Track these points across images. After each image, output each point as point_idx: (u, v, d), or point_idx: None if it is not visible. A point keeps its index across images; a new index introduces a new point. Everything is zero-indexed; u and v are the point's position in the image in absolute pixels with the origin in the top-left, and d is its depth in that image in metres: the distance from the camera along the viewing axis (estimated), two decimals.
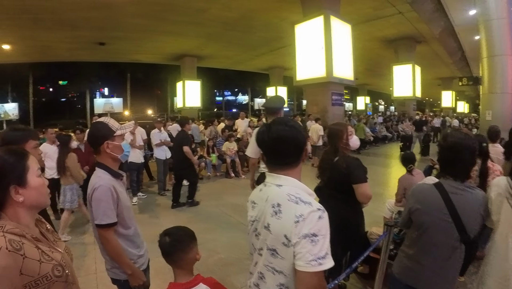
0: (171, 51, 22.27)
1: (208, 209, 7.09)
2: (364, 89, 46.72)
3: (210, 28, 17.09)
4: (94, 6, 12.96)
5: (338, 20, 12.53)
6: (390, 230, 2.98)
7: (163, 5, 13.59)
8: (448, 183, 1.88)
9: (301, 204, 1.32)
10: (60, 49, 19.57)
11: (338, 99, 13.29)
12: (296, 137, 1.42)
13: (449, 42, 21.35)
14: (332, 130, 3.19)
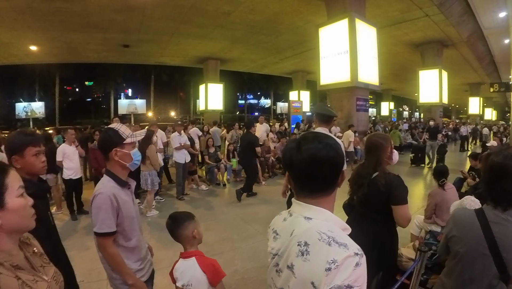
0: (195, 54, 22.42)
1: (227, 217, 6.90)
2: (388, 94, 46.06)
3: (235, 31, 17.14)
4: (120, 9, 13.20)
5: (363, 23, 12.33)
6: (424, 256, 2.78)
7: (188, 7, 13.66)
8: (490, 210, 1.69)
9: (335, 246, 1.06)
10: (86, 51, 20.12)
11: (363, 104, 13.08)
12: (332, 158, 1.15)
13: (477, 46, 20.78)
14: (374, 142, 2.85)
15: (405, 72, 28.58)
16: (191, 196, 8.48)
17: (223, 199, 8.42)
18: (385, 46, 17.90)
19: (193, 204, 7.86)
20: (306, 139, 1.20)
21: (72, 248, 4.51)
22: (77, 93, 42.93)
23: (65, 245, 2.56)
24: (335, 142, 1.20)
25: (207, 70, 24.68)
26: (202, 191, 8.84)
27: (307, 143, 1.17)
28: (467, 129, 22.84)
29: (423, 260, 2.72)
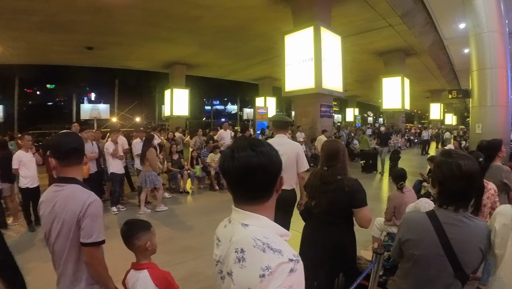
0: (162, 58, 22.09)
1: (191, 225, 6.74)
2: (353, 100, 47.20)
3: (203, 36, 17.04)
4: (86, 9, 12.79)
5: (328, 32, 12.60)
6: (380, 258, 2.85)
7: (156, 11, 13.47)
8: (442, 212, 1.73)
9: (269, 253, 1.04)
10: (49, 52, 19.25)
11: (327, 110, 13.31)
12: (264, 166, 1.14)
13: (438, 55, 21.61)
14: (337, 148, 2.89)
15: (369, 79, 29.26)
16: (154, 204, 8.20)
17: (186, 206, 8.31)
18: (350, 54, 18.36)
19: (156, 213, 7.66)
20: (240, 147, 1.18)
21: (31, 260, 4.33)
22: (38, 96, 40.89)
23: (23, 257, 2.49)
24: (269, 149, 1.18)
25: (173, 75, 24.46)
26: (165, 199, 8.59)
27: (240, 151, 1.16)
28: (429, 133, 23.69)
29: (379, 262, 2.79)
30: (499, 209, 1.81)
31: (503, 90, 7.74)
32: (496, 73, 7.73)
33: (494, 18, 7.83)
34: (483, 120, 7.95)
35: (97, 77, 32.87)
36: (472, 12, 8.12)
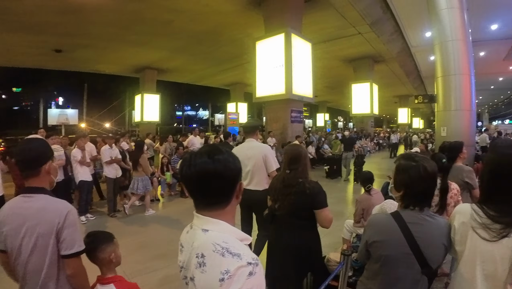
0: (133, 63, 21.71)
1: (162, 232, 6.60)
2: (324, 106, 47.89)
3: (175, 41, 16.92)
4: (57, 10, 12.42)
5: (299, 38, 12.76)
6: (348, 259, 2.94)
7: (128, 14, 13.29)
8: (407, 212, 1.81)
9: (228, 257, 1.08)
10: (17, 53, 18.48)
11: (297, 116, 13.44)
12: (220, 173, 1.16)
13: (405, 62, 22.26)
14: (299, 152, 3.00)
15: (339, 85, 29.74)
16: (123, 212, 7.96)
17: (157, 214, 8.11)
18: (321, 60, 18.67)
19: (126, 221, 7.43)
20: (197, 154, 1.22)
21: None
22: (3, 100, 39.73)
23: None
24: (226, 157, 1.21)
25: (143, 80, 24.06)
26: (135, 206, 8.38)
27: (197, 158, 1.19)
28: (397, 137, 24.26)
29: (347, 263, 2.88)
30: (458, 208, 1.88)
31: (467, 95, 8.06)
32: (460, 79, 8.06)
33: (458, 28, 8.16)
34: (448, 123, 8.25)
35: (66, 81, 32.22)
36: (437, 22, 8.45)
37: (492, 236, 1.56)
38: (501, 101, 49.96)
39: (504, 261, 1.52)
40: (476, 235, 1.64)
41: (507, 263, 1.51)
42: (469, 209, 1.72)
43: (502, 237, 1.53)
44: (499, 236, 1.54)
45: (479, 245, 1.62)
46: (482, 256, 1.60)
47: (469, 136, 8.11)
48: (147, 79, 23.79)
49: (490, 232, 1.58)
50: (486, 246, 1.59)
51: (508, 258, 1.51)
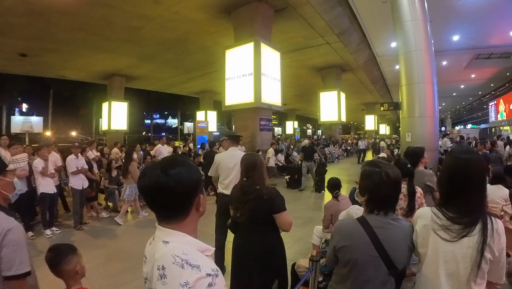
0: (100, 69, 21.18)
1: (131, 245, 6.30)
2: (293, 114, 48.54)
3: (144, 47, 16.75)
4: (24, 13, 12.00)
5: (268, 48, 12.91)
6: (316, 265, 3.02)
7: (96, 19, 13.05)
8: (372, 217, 1.87)
9: (188, 269, 1.08)
10: None
11: (266, 124, 13.55)
12: (171, 188, 1.16)
13: (372, 71, 22.90)
14: (255, 160, 3.12)
15: (308, 93, 30.23)
16: (91, 225, 7.77)
17: (126, 225, 7.76)
18: (290, 69, 18.93)
19: (94, 234, 7.13)
20: (152, 167, 1.23)
21: None
22: None
23: None
24: (181, 171, 1.19)
25: (111, 87, 23.48)
26: (103, 219, 8.19)
27: (151, 170, 1.20)
28: (364, 143, 24.77)
29: (316, 268, 2.97)
30: (419, 212, 1.96)
31: (430, 103, 8.40)
32: (424, 87, 8.39)
33: (421, 38, 8.50)
34: (412, 129, 8.54)
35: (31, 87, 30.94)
36: (402, 33, 8.75)
37: (453, 237, 1.65)
38: (463, 107, 51.97)
39: (465, 259, 1.61)
40: (437, 237, 1.71)
41: (469, 262, 1.59)
42: (430, 212, 1.80)
43: (462, 237, 1.62)
44: (459, 236, 1.63)
45: (440, 246, 1.70)
46: (444, 256, 1.68)
47: (433, 141, 8.47)
48: (115, 86, 23.29)
49: (450, 233, 1.66)
50: (447, 247, 1.67)
51: (469, 256, 1.60)
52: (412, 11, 8.60)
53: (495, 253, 1.60)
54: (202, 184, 1.29)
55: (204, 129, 20.73)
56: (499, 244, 1.62)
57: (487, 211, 1.71)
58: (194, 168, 1.26)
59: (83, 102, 37.40)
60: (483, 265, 1.57)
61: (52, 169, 7.34)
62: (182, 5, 12.20)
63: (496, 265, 1.63)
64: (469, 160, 1.72)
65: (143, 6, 12.19)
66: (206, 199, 1.32)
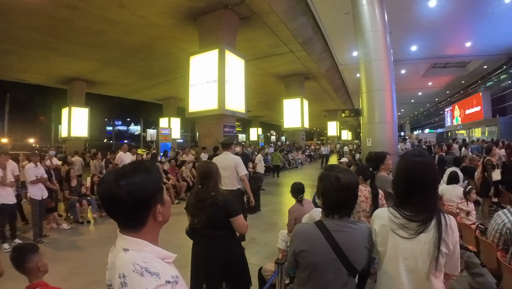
0: (61, 73, 20.48)
1: (95, 257, 5.93)
2: (257, 120, 48.98)
3: (107, 52, 16.44)
4: None
5: (233, 55, 12.98)
6: (282, 268, 3.08)
7: (61, 21, 12.66)
8: (329, 220, 1.91)
9: (147, 276, 1.07)
10: None
11: (230, 131, 13.53)
12: (123, 200, 1.14)
13: (334, 79, 23.57)
14: (209, 168, 3.19)
15: (272, 100, 30.52)
16: (52, 237, 7.34)
17: (89, 237, 7.44)
18: (254, 76, 19.09)
19: (55, 247, 6.70)
20: (108, 175, 1.23)
21: None
22: None
23: None
24: (134, 181, 1.17)
25: (72, 92, 22.71)
26: (64, 230, 7.78)
27: (106, 179, 1.20)
28: (327, 148, 25.38)
29: (281, 271, 3.05)
30: (376, 212, 2.03)
31: (389, 109, 8.78)
32: (383, 95, 8.78)
33: (381, 49, 8.89)
34: (372, 135, 8.93)
35: None
36: (362, 43, 9.12)
37: (410, 234, 1.74)
38: (421, 113, 54.84)
39: (423, 255, 1.71)
40: (396, 236, 1.80)
41: (426, 257, 1.70)
42: (387, 213, 1.89)
43: (419, 233, 1.72)
44: (416, 233, 1.73)
45: (399, 243, 1.79)
46: (403, 253, 1.77)
47: (392, 145, 8.86)
48: (76, 91, 22.61)
49: (408, 230, 1.76)
50: (405, 244, 1.77)
51: (426, 252, 1.70)
52: (373, 22, 8.98)
53: (450, 247, 1.72)
54: (160, 193, 1.26)
55: (168, 136, 20.50)
56: (453, 238, 1.74)
57: (440, 209, 1.83)
58: (151, 177, 1.24)
59: (42, 107, 36.05)
60: (440, 259, 1.68)
61: (12, 178, 6.92)
62: (148, 10, 12.14)
63: (451, 258, 1.76)
64: (421, 162, 1.84)
65: (108, 10, 12.00)
66: (169, 208, 1.32)
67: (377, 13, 9.01)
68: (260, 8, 11.98)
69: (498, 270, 3.62)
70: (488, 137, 23.46)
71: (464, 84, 30.26)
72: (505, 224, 3.82)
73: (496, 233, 3.89)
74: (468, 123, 29.85)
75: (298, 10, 12.61)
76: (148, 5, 11.76)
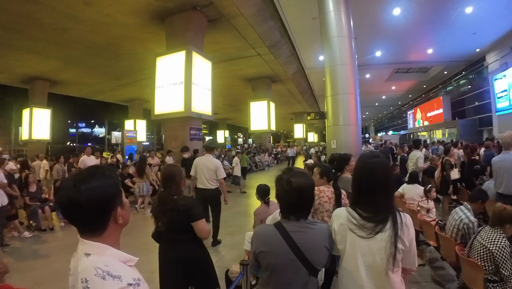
0: (22, 71, 19.49)
1: (59, 266, 5.46)
2: (224, 123, 48.92)
3: (71, 50, 15.90)
4: None
5: (200, 57, 12.95)
6: (246, 269, 3.09)
7: (23, 16, 12.14)
8: (287, 222, 1.94)
9: (109, 280, 1.08)
10: None
11: (196, 133, 13.50)
12: (82, 204, 1.15)
13: (300, 82, 23.93)
14: (172, 172, 3.19)
15: (239, 103, 30.58)
16: (13, 246, 6.98)
17: (53, 245, 7.05)
18: (221, 79, 19.08)
19: (17, 256, 6.36)
20: (67, 180, 1.23)
21: None
22: None
23: None
24: (93, 186, 1.18)
25: (33, 92, 21.64)
26: (26, 239, 7.41)
27: (65, 185, 1.19)
28: (294, 151, 25.81)
29: (246, 272, 3.06)
30: (335, 212, 2.09)
31: (353, 112, 9.04)
32: (347, 98, 9.03)
33: (346, 54, 9.13)
34: (337, 137, 9.14)
35: None
36: (328, 48, 9.32)
37: (368, 234, 1.81)
38: (385, 116, 56.52)
39: (380, 252, 1.77)
40: (353, 234, 1.86)
41: (383, 253, 1.76)
42: (345, 212, 1.95)
43: (376, 233, 1.79)
44: (374, 232, 1.79)
45: (357, 242, 1.85)
46: (361, 251, 1.83)
47: (356, 147, 9.05)
48: (38, 91, 21.53)
49: (365, 230, 1.82)
50: (363, 242, 1.83)
51: (383, 248, 1.76)
52: (339, 28, 9.19)
53: (406, 244, 1.79)
54: (119, 196, 1.28)
55: (133, 139, 20.13)
56: (408, 235, 1.81)
57: (396, 208, 1.89)
58: (109, 181, 1.24)
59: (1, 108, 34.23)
60: (397, 255, 1.75)
61: None
62: (114, 8, 11.91)
63: (408, 253, 1.83)
64: (375, 163, 1.90)
65: (74, 6, 11.66)
66: (128, 210, 1.33)
67: (343, 19, 9.24)
68: (229, 11, 12.02)
69: (457, 262, 3.82)
70: (448, 138, 24.55)
71: (426, 88, 31.68)
72: (462, 219, 4.08)
73: (454, 229, 4.14)
74: (430, 125, 31.14)
75: (266, 13, 12.70)
76: (116, 3, 11.53)
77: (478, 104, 23.08)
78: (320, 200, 3.73)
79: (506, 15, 13.96)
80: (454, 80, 26.30)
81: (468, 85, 25.06)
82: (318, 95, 28.51)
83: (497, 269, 3.21)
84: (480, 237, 3.44)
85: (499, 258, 3.18)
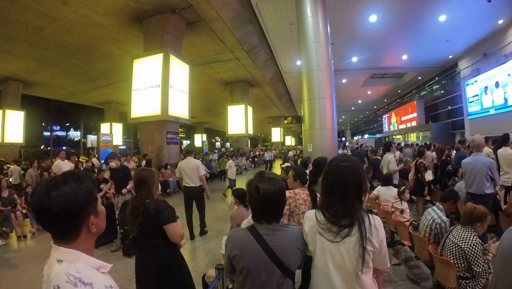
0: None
1: (31, 275, 5.44)
2: (201, 127, 48.61)
3: (45, 50, 15.52)
4: None
5: (178, 60, 12.93)
6: (222, 273, 3.07)
7: None
8: (259, 225, 1.96)
9: (81, 287, 1.07)
10: None
11: (173, 137, 13.44)
12: (54, 212, 1.12)
13: (278, 86, 24.13)
14: (144, 176, 3.17)
15: (216, 106, 30.65)
16: None
17: (25, 253, 6.81)
18: (199, 82, 19.07)
19: None
20: (40, 186, 1.19)
21: None
22: None
23: None
24: (65, 192, 1.15)
25: (6, 93, 21.01)
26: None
27: (38, 190, 1.16)
28: (271, 154, 25.87)
29: (222, 276, 3.06)
30: (306, 214, 2.09)
31: (329, 116, 9.24)
32: (323, 103, 9.20)
33: (323, 59, 9.31)
34: (313, 140, 9.32)
35: None
36: (305, 53, 9.51)
37: (335, 237, 1.82)
38: (361, 120, 57.71)
39: (349, 253, 1.79)
40: (321, 236, 1.88)
41: (352, 255, 1.77)
42: (314, 215, 1.96)
43: (343, 237, 1.80)
44: (341, 237, 1.80)
45: (326, 243, 1.86)
46: (330, 252, 1.85)
47: (332, 150, 9.29)
48: (10, 92, 20.95)
49: (332, 233, 1.83)
50: (332, 244, 1.84)
51: (352, 250, 1.77)
52: (316, 34, 9.35)
53: (376, 245, 1.81)
54: (93, 204, 1.25)
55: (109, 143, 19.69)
56: (377, 237, 1.83)
57: (364, 210, 1.90)
58: (83, 188, 1.21)
59: None
60: (366, 256, 1.76)
61: None
62: (91, 8, 11.70)
63: (378, 254, 1.86)
64: (346, 167, 1.91)
65: (49, 5, 11.39)
66: (103, 218, 1.31)
67: (321, 25, 9.39)
68: (207, 14, 12.03)
69: (430, 261, 3.94)
70: (422, 141, 25.34)
71: (401, 93, 32.54)
72: (434, 219, 4.20)
73: (427, 228, 4.25)
74: (404, 129, 31.93)
75: (245, 18, 12.77)
76: (93, 3, 11.35)
77: (451, 108, 23.82)
78: (295, 203, 3.77)
79: (478, 23, 14.43)
80: (427, 85, 27.11)
81: (441, 90, 25.82)
82: (296, 99, 28.82)
83: (469, 266, 3.33)
84: (452, 236, 3.56)
85: (471, 256, 3.30)
